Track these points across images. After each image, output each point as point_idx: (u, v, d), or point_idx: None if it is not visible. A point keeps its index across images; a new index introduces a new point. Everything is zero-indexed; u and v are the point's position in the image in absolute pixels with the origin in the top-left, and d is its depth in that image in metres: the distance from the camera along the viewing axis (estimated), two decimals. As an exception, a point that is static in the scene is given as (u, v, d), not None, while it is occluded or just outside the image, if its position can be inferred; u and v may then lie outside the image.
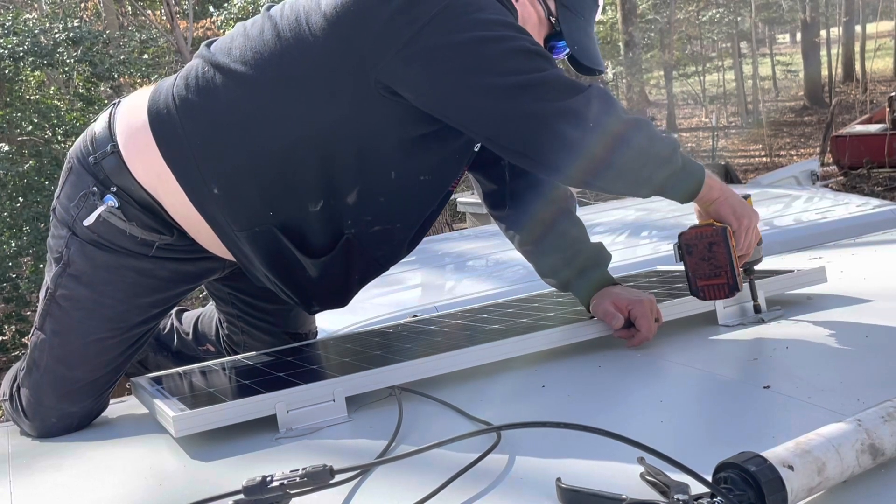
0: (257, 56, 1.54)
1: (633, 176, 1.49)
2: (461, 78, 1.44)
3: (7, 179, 8.03)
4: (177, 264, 1.68)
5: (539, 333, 1.60)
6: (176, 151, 1.56)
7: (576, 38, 1.68)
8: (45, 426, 1.65)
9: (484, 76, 1.44)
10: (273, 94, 1.52)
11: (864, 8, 22.20)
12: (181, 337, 2.17)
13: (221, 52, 1.58)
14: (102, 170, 1.61)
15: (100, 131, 1.65)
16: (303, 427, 1.38)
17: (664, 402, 1.30)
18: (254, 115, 1.54)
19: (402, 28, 1.43)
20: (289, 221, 1.61)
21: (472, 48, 1.43)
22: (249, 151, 1.55)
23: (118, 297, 1.64)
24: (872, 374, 1.30)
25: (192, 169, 1.56)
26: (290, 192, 1.58)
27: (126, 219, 1.60)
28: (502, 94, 1.43)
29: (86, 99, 9.25)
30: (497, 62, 1.43)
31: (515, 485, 1.06)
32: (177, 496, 1.17)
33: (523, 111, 1.43)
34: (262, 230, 1.60)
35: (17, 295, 7.90)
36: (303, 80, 1.51)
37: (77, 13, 12.66)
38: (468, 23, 1.44)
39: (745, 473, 0.86)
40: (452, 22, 1.43)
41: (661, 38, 18.65)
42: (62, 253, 1.64)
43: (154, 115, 1.58)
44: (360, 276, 1.74)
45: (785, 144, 17.08)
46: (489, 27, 1.45)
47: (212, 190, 1.56)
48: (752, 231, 1.58)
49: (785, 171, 5.18)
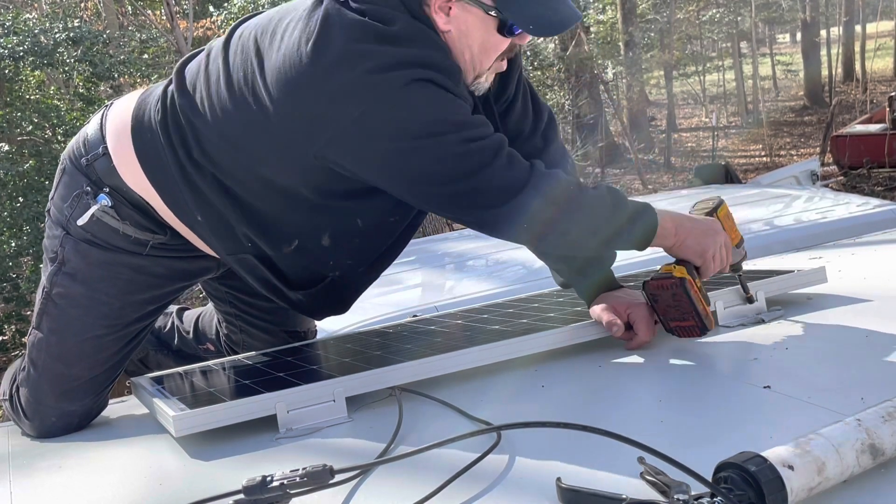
0: (214, 106, 1.53)
1: (581, 244, 1.58)
2: (396, 180, 1.48)
3: (7, 179, 8.03)
4: (172, 262, 1.69)
5: (539, 334, 1.59)
6: (161, 177, 1.59)
7: (528, 16, 1.49)
8: (45, 426, 1.65)
9: (416, 184, 1.47)
10: (233, 144, 1.54)
11: (864, 7, 22.19)
12: (182, 335, 2.17)
13: (189, 89, 1.58)
14: (95, 171, 1.63)
15: (92, 133, 1.66)
16: (303, 427, 1.38)
17: (664, 402, 1.30)
18: (218, 158, 1.56)
19: (330, 120, 1.42)
20: (267, 256, 1.65)
21: (398, 156, 1.44)
22: (218, 190, 1.58)
23: (113, 293, 1.64)
24: (872, 373, 1.29)
25: (178, 195, 1.59)
26: (262, 232, 1.61)
27: (119, 218, 1.62)
28: (436, 199, 1.50)
29: (86, 99, 9.24)
30: (428, 171, 1.45)
31: (515, 485, 1.06)
32: (177, 496, 1.17)
33: (463, 214, 1.52)
34: (245, 258, 1.64)
35: (17, 295, 7.90)
36: (254, 140, 1.52)
37: (77, 13, 12.65)
38: (392, 130, 1.42)
39: (746, 473, 0.86)
40: (375, 125, 1.42)
41: (661, 37, 18.63)
42: (57, 252, 1.65)
43: (137, 134, 1.60)
44: (356, 294, 1.77)
45: (785, 144, 17.07)
46: (410, 134, 1.42)
47: (196, 217, 1.60)
48: (718, 257, 1.58)
49: (785, 170, 5.17)
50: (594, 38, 16.65)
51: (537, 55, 14.52)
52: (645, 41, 17.61)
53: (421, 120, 1.42)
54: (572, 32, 14.50)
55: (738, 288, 1.73)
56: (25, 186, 8.14)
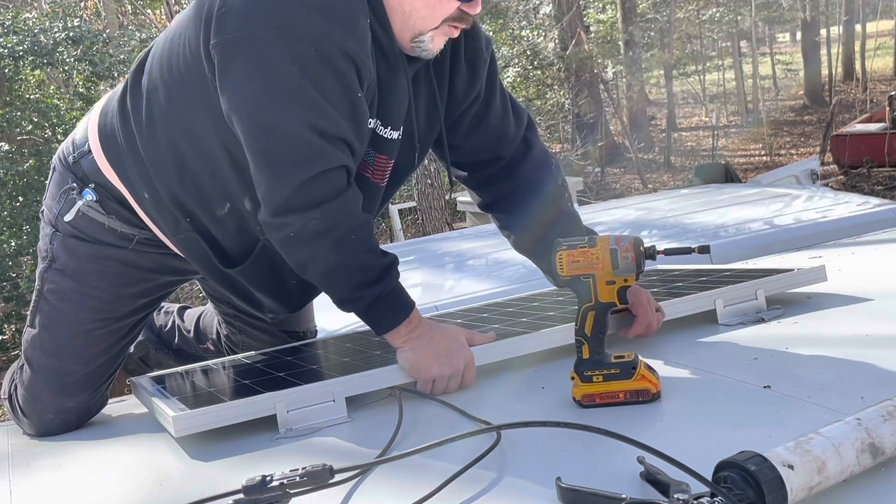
0: (150, 63, 1.58)
1: (320, 279, 1.51)
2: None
3: (7, 179, 8.03)
4: (160, 256, 1.70)
5: (539, 333, 1.59)
6: (116, 159, 1.61)
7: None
8: (43, 423, 1.66)
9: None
10: (155, 101, 1.55)
11: (864, 7, 22.18)
12: (182, 335, 2.17)
13: (151, 51, 1.62)
14: (81, 168, 1.65)
15: (80, 133, 1.70)
16: (303, 427, 1.38)
17: (664, 402, 1.30)
18: (147, 120, 1.57)
19: (217, 27, 1.41)
20: (206, 228, 1.63)
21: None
22: (150, 156, 1.58)
23: (103, 287, 1.66)
24: (872, 373, 1.29)
25: (130, 174, 1.60)
26: (193, 198, 1.60)
27: (105, 212, 1.64)
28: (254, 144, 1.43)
29: (86, 98, 9.23)
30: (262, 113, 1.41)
31: (515, 484, 1.06)
32: (177, 496, 1.17)
33: (261, 177, 1.45)
34: (187, 237, 1.63)
35: (17, 294, 7.90)
36: (177, 83, 1.53)
37: (77, 12, 12.63)
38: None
39: (746, 473, 0.86)
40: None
41: (661, 37, 18.62)
42: (47, 250, 1.67)
43: (102, 122, 1.64)
44: (297, 280, 1.66)
45: (785, 143, 17.06)
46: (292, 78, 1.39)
47: (143, 194, 1.60)
48: (444, 380, 1.48)
49: (785, 170, 5.17)
50: (594, 37, 16.65)
51: (537, 55, 14.53)
52: (645, 40, 17.60)
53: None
54: (573, 31, 14.51)
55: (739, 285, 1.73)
56: (25, 186, 8.15)
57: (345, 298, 1.51)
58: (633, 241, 1.35)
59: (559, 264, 1.36)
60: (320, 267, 1.49)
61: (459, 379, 1.49)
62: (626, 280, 1.35)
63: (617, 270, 1.34)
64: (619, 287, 1.35)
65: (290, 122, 1.40)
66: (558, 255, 1.36)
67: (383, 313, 1.50)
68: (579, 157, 13.99)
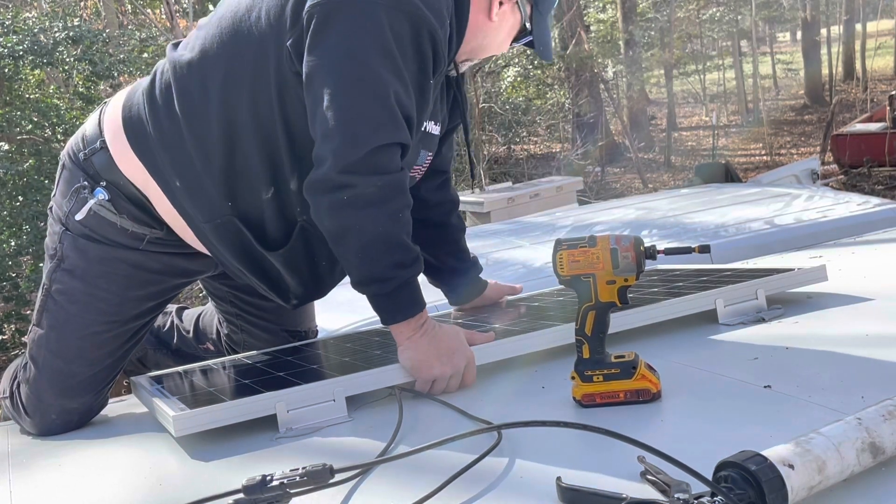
0: (202, 43, 1.58)
1: (356, 260, 1.49)
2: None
3: (7, 178, 8.02)
4: (169, 258, 1.69)
5: (539, 333, 1.59)
6: (145, 148, 1.60)
7: (541, 39, 1.77)
8: (45, 423, 1.66)
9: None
10: (212, 79, 1.56)
11: (864, 6, 22.18)
12: (181, 335, 2.17)
13: (181, 46, 1.64)
14: (92, 165, 1.64)
15: (90, 129, 1.68)
16: (303, 427, 1.37)
17: (664, 402, 1.30)
18: (199, 100, 1.57)
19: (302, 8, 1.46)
20: (247, 211, 1.62)
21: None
22: (197, 137, 1.57)
23: (112, 290, 1.65)
24: (872, 372, 1.29)
25: (159, 162, 1.59)
26: (241, 180, 1.60)
27: (116, 211, 1.63)
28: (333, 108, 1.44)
29: (85, 98, 9.22)
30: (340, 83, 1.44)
31: (515, 484, 1.06)
32: (177, 495, 1.17)
33: (323, 138, 1.45)
34: (224, 222, 1.62)
35: (17, 294, 7.89)
36: (243, 58, 1.53)
37: (77, 12, 12.63)
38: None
39: (746, 472, 0.86)
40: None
41: (662, 36, 18.61)
42: (56, 249, 1.66)
43: (127, 115, 1.63)
44: (327, 262, 1.70)
45: (785, 143, 17.05)
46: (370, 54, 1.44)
47: (175, 182, 1.60)
48: (444, 381, 1.48)
49: (785, 169, 5.17)
50: (594, 36, 16.65)
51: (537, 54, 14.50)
52: (645, 40, 17.59)
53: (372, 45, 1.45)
54: (573, 31, 14.51)
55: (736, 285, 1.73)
56: (25, 185, 8.14)
57: (375, 276, 1.49)
58: (633, 240, 1.34)
59: (559, 264, 1.36)
60: (364, 236, 1.47)
61: (460, 378, 1.49)
62: (627, 279, 1.35)
63: (617, 270, 1.34)
64: (619, 287, 1.35)
65: (382, 85, 1.44)
66: (558, 255, 1.36)
67: (403, 301, 1.49)
68: (579, 156, 13.99)
